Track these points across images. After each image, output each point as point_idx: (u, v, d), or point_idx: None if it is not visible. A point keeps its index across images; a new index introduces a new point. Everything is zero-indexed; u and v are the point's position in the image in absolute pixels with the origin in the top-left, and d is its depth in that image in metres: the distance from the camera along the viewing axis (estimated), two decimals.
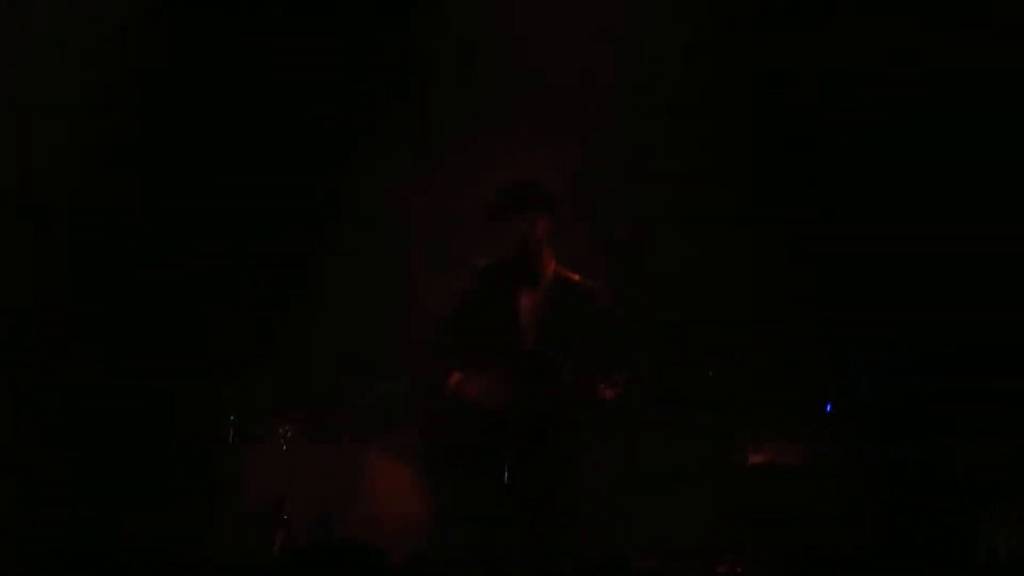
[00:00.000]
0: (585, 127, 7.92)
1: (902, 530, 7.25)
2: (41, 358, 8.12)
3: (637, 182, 8.03)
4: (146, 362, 8.09)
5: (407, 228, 8.14)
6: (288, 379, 8.02)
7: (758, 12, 7.87)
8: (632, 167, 8.01)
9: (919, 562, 7.05)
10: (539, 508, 6.46)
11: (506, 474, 6.38)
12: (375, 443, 7.67)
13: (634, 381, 6.38)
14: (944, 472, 7.34)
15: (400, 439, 7.55)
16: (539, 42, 7.92)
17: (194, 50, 8.21)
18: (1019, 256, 7.58)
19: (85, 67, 8.03)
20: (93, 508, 7.73)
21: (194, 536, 7.55)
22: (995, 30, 7.66)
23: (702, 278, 7.86)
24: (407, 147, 8.09)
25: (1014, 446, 7.31)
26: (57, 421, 8.04)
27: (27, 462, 7.92)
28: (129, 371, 8.06)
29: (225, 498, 7.76)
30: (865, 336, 7.66)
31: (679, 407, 7.32)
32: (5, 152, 7.97)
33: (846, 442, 7.47)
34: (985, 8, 7.70)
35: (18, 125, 7.97)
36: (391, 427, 7.68)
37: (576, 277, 6.62)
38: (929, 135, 7.74)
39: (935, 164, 7.74)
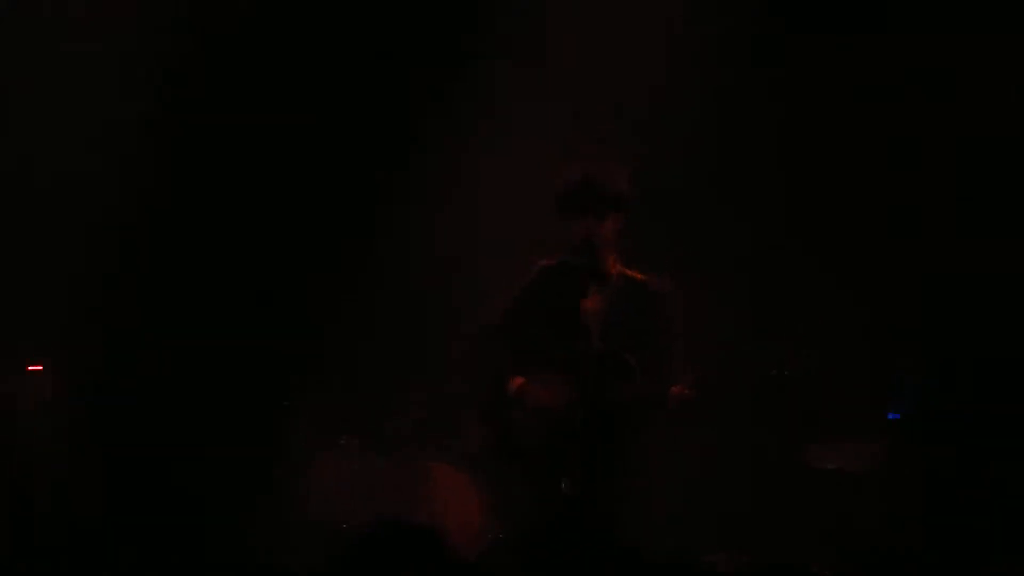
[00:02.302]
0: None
1: (958, 535, 7.20)
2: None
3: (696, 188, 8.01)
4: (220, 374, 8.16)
5: (472, 227, 8.08)
6: (349, 390, 8.03)
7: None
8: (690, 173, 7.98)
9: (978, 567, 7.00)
10: (605, 512, 6.41)
11: (570, 480, 6.31)
12: (436, 451, 7.67)
13: (703, 383, 6.32)
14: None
15: (461, 446, 7.55)
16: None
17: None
18: None
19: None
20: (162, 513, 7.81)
21: (259, 544, 7.59)
22: None
23: (769, 282, 7.87)
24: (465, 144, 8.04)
25: None
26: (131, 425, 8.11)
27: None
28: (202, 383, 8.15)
29: (291, 508, 7.79)
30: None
31: (747, 409, 7.29)
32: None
33: (910, 448, 7.45)
34: None
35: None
36: (452, 434, 7.67)
37: (642, 277, 6.50)
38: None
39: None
